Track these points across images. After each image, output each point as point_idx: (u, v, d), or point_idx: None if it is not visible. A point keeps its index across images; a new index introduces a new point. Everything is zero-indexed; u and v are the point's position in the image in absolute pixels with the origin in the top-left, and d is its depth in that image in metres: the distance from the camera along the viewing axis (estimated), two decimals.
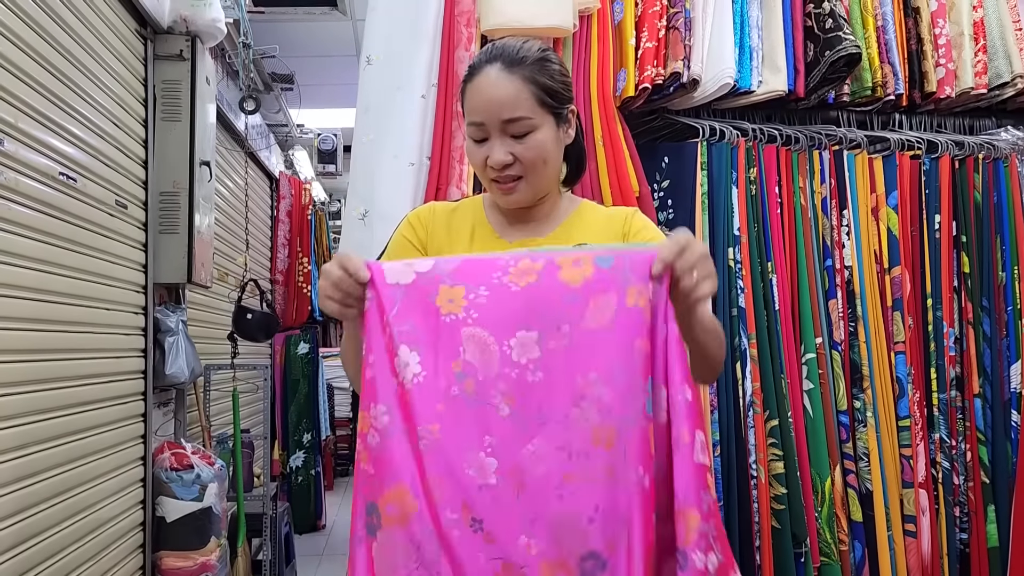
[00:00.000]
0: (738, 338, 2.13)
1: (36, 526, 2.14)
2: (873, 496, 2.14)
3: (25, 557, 2.08)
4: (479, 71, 1.24)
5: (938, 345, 2.27)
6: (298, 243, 5.30)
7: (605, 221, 1.34)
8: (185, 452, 3.05)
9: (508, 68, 1.22)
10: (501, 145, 1.22)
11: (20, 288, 2.07)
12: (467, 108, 1.25)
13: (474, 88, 1.24)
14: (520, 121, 1.21)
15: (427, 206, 1.39)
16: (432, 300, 0.98)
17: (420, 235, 1.33)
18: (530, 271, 0.97)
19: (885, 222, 2.28)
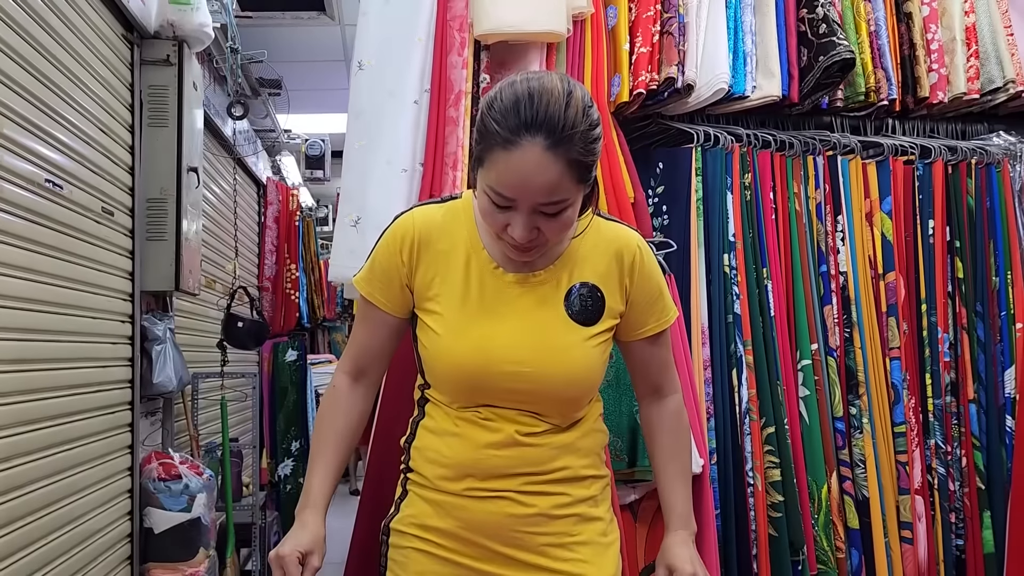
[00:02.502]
0: (734, 345, 2.11)
1: (24, 538, 2.10)
2: (870, 503, 2.13)
3: (13, 570, 2.04)
4: (518, 145, 1.09)
5: (933, 351, 2.26)
6: (286, 249, 5.26)
7: (608, 254, 1.29)
8: (173, 462, 3.01)
9: (553, 148, 1.09)
10: (528, 221, 1.14)
11: (4, 297, 2.03)
12: (495, 177, 1.13)
13: (510, 163, 1.10)
14: (556, 204, 1.13)
15: (412, 225, 1.29)
16: None
17: (406, 267, 1.28)
18: None
19: (879, 227, 2.28)
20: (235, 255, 4.21)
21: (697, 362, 2.07)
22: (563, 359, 1.26)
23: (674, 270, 2.13)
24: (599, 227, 1.31)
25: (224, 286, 4.00)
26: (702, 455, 1.79)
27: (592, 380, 1.31)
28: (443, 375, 1.29)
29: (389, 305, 1.32)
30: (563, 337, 1.26)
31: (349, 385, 1.37)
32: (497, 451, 1.27)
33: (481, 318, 1.26)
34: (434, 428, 1.33)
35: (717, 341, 2.10)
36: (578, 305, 1.27)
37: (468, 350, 1.25)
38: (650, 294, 1.32)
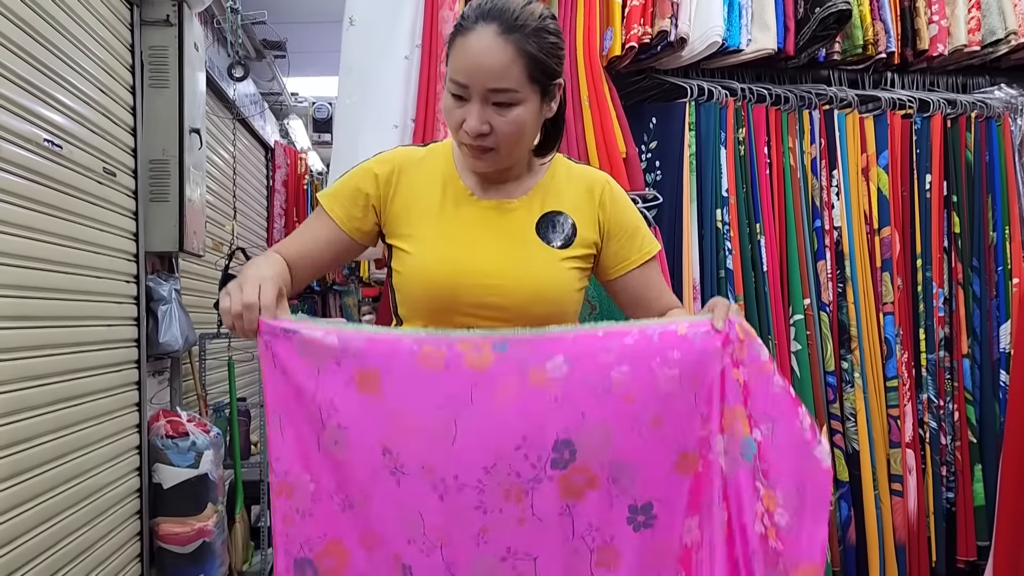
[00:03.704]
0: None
1: (31, 490, 2.16)
2: (860, 456, 2.15)
3: (20, 520, 2.10)
4: (472, 29, 1.16)
5: (927, 306, 2.26)
6: (295, 213, 5.29)
7: (579, 189, 1.31)
8: (180, 420, 3.07)
9: (504, 33, 1.15)
10: (480, 112, 1.17)
11: (6, 255, 2.07)
12: (452, 64, 1.19)
13: (464, 46, 1.17)
14: (505, 92, 1.16)
15: (392, 156, 1.32)
16: (352, 382, 1.06)
17: (381, 191, 1.29)
18: (436, 357, 1.07)
19: (875, 182, 2.26)
20: (233, 216, 4.23)
21: None
22: (533, 272, 1.26)
23: (666, 225, 2.13)
24: (569, 168, 1.34)
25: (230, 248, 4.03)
26: None
27: (562, 299, 1.29)
28: (416, 292, 1.29)
29: (345, 221, 1.30)
30: (534, 255, 1.28)
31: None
32: None
33: (455, 237, 1.28)
34: None
35: (709, 296, 2.11)
36: (550, 229, 1.29)
37: (441, 263, 1.26)
38: (627, 226, 1.33)
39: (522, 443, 1.05)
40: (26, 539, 2.13)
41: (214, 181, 4.00)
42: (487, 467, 1.05)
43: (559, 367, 1.05)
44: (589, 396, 1.05)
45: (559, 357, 1.06)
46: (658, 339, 1.07)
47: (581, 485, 1.05)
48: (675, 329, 1.08)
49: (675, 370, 1.06)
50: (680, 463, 1.06)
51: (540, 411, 1.05)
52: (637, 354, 1.06)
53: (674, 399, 1.06)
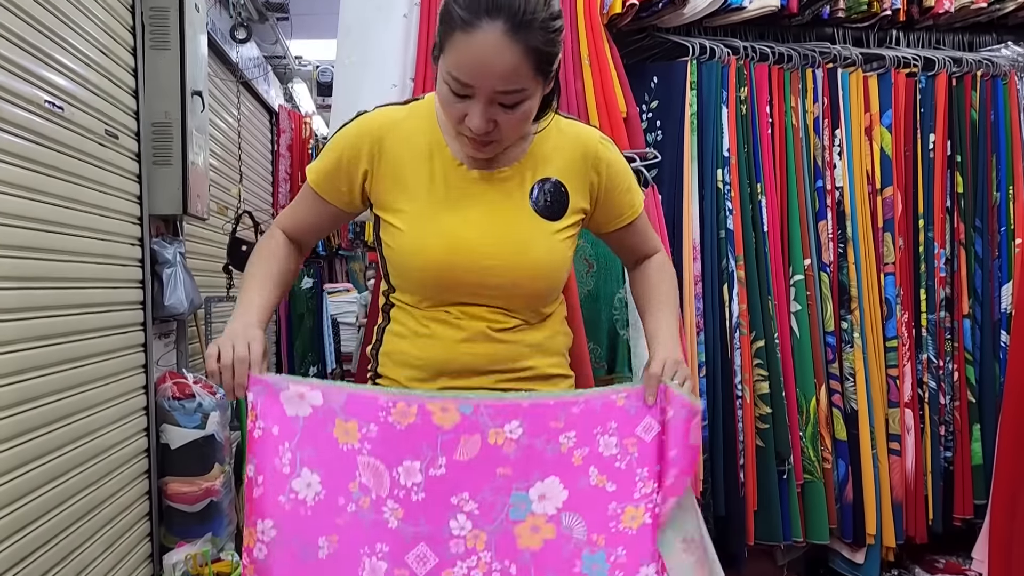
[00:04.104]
0: (725, 260, 2.12)
1: (39, 448, 2.19)
2: (858, 415, 2.16)
3: (29, 477, 2.14)
4: (477, 28, 1.07)
5: (928, 266, 2.25)
6: (299, 178, 5.28)
7: (571, 151, 1.29)
8: (187, 382, 3.11)
9: (513, 33, 1.07)
10: (485, 111, 1.13)
11: (9, 216, 2.08)
12: (453, 60, 1.11)
13: (468, 45, 1.08)
14: (514, 93, 1.12)
15: (373, 122, 1.27)
16: (330, 431, 1.14)
17: (364, 165, 1.26)
18: (407, 413, 1.16)
19: (878, 142, 2.25)
20: (240, 179, 4.23)
21: (688, 277, 2.09)
22: (529, 251, 1.26)
23: (667, 186, 2.13)
24: (560, 126, 1.29)
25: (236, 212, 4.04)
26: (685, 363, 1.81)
27: (558, 274, 1.32)
28: (410, 272, 1.29)
29: (334, 198, 1.31)
30: (529, 230, 1.27)
31: (287, 241, 1.36)
32: (469, 348, 1.29)
33: (447, 214, 1.26)
34: (401, 332, 1.34)
35: (708, 256, 2.11)
36: (543, 200, 1.27)
37: (435, 245, 1.25)
38: (619, 186, 1.32)
39: (484, 493, 1.15)
40: (35, 496, 2.17)
41: (218, 145, 4.00)
42: (451, 513, 1.14)
43: (515, 430, 1.16)
44: (542, 456, 1.16)
45: (516, 421, 1.17)
46: (600, 409, 1.19)
47: (537, 534, 1.15)
48: (615, 400, 1.20)
49: (613, 438, 1.18)
50: (627, 518, 1.16)
51: (499, 466, 1.16)
52: (582, 423, 1.18)
53: (615, 461, 1.17)
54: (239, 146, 4.33)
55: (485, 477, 1.15)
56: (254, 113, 4.83)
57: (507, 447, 1.16)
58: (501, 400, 1.18)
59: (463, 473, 1.15)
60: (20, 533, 2.09)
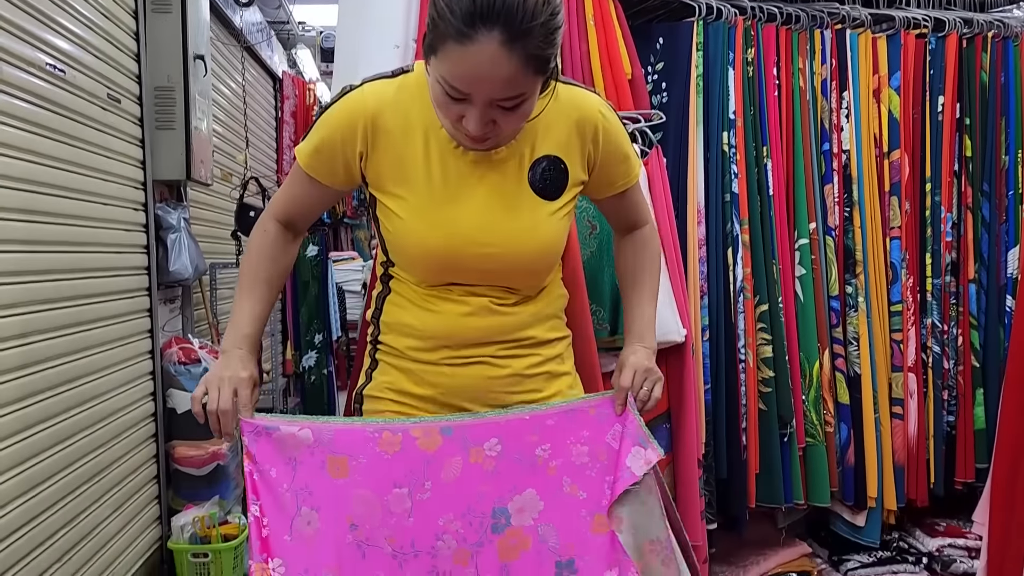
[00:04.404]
0: (730, 224, 2.11)
1: (43, 412, 2.21)
2: (861, 379, 2.16)
3: (37, 439, 2.16)
4: (472, 40, 1.01)
5: (935, 230, 2.24)
6: None
7: (569, 123, 1.25)
8: (192, 347, 3.12)
9: (510, 44, 1.01)
10: (483, 115, 1.09)
11: (12, 179, 2.08)
12: (446, 68, 1.05)
13: (463, 57, 1.03)
14: (513, 98, 1.08)
15: (363, 103, 1.21)
16: (323, 468, 1.20)
17: (359, 147, 1.23)
18: (393, 442, 1.22)
19: (886, 104, 2.22)
20: (246, 145, 4.22)
21: (692, 241, 2.08)
22: (531, 236, 1.25)
23: (671, 149, 2.11)
24: (558, 95, 1.23)
25: (240, 179, 4.04)
26: (685, 325, 1.81)
27: (559, 250, 1.32)
28: (411, 260, 1.29)
29: (328, 180, 1.29)
30: (530, 214, 1.25)
31: (280, 233, 1.34)
32: (472, 321, 1.29)
33: (445, 201, 1.23)
34: (402, 303, 1.33)
35: (713, 220, 2.10)
36: (542, 180, 1.25)
37: (436, 235, 1.23)
38: (616, 156, 1.31)
39: (467, 511, 1.22)
40: (43, 458, 2.20)
41: (222, 111, 3.98)
42: (438, 534, 1.20)
43: (494, 447, 1.22)
44: (519, 470, 1.23)
45: (494, 439, 1.23)
46: (573, 420, 1.25)
47: (516, 546, 1.22)
48: (587, 410, 1.26)
49: (585, 447, 1.25)
50: (595, 524, 1.23)
51: (480, 483, 1.22)
52: (556, 434, 1.24)
53: (586, 470, 1.24)
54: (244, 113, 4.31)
55: (467, 496, 1.22)
56: (258, 79, 4.80)
57: (487, 464, 1.22)
58: (479, 419, 1.24)
59: (447, 494, 1.21)
60: (29, 494, 2.12)
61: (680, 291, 1.85)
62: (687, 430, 1.84)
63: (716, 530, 2.06)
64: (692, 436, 1.84)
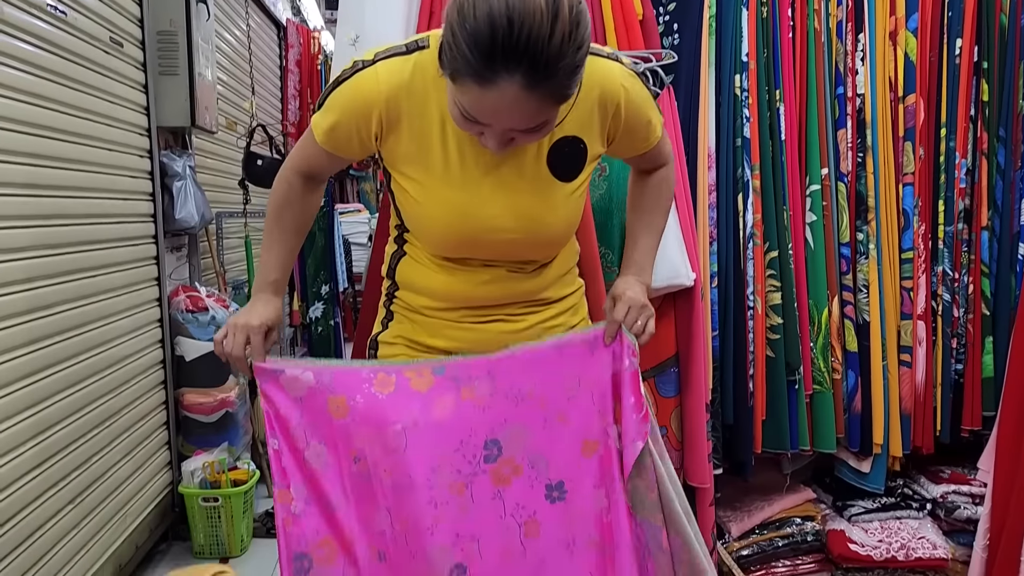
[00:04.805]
0: (741, 169, 2.08)
1: (52, 356, 2.22)
2: (870, 327, 2.15)
3: (44, 384, 2.17)
4: (494, 83, 0.96)
5: (948, 177, 2.21)
6: (309, 94, 5.20)
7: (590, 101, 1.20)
8: (200, 295, 3.13)
9: (533, 87, 0.97)
10: (502, 138, 1.07)
11: (12, 121, 2.06)
12: (468, 105, 1.02)
13: (484, 99, 0.99)
14: (534, 126, 1.06)
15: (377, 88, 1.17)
16: (325, 408, 1.26)
17: (374, 131, 1.20)
18: (387, 383, 1.28)
19: (903, 47, 2.17)
20: (252, 93, 4.17)
21: (702, 186, 2.05)
22: (549, 219, 1.25)
23: (683, 92, 2.07)
24: None
25: (245, 128, 4.00)
26: (695, 269, 1.80)
27: (576, 224, 1.33)
28: (427, 239, 1.29)
29: (344, 154, 1.29)
30: (548, 199, 1.23)
31: (303, 184, 1.35)
32: (490, 288, 1.30)
33: (462, 187, 1.21)
34: (417, 266, 1.34)
35: (724, 165, 2.07)
36: (560, 163, 1.22)
37: (452, 220, 1.22)
38: (637, 125, 1.28)
39: (460, 446, 1.26)
40: (52, 402, 2.21)
41: (226, 58, 3.93)
42: (433, 467, 1.24)
43: (485, 383, 1.26)
44: (509, 404, 1.26)
45: (485, 375, 1.27)
46: (563, 354, 1.28)
47: (508, 474, 1.27)
48: (577, 343, 1.29)
49: (576, 378, 1.28)
50: (584, 449, 1.28)
51: (471, 419, 1.26)
52: (546, 368, 1.28)
53: (576, 399, 1.28)
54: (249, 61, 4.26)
55: (460, 432, 1.26)
56: (261, 27, 4.73)
57: (479, 401, 1.26)
58: (470, 359, 1.28)
59: (440, 431, 1.26)
60: (39, 437, 2.14)
61: (690, 236, 1.84)
62: (695, 373, 1.84)
63: (721, 475, 2.07)
64: (700, 379, 1.83)
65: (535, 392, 1.27)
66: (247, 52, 4.26)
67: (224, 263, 3.68)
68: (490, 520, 1.26)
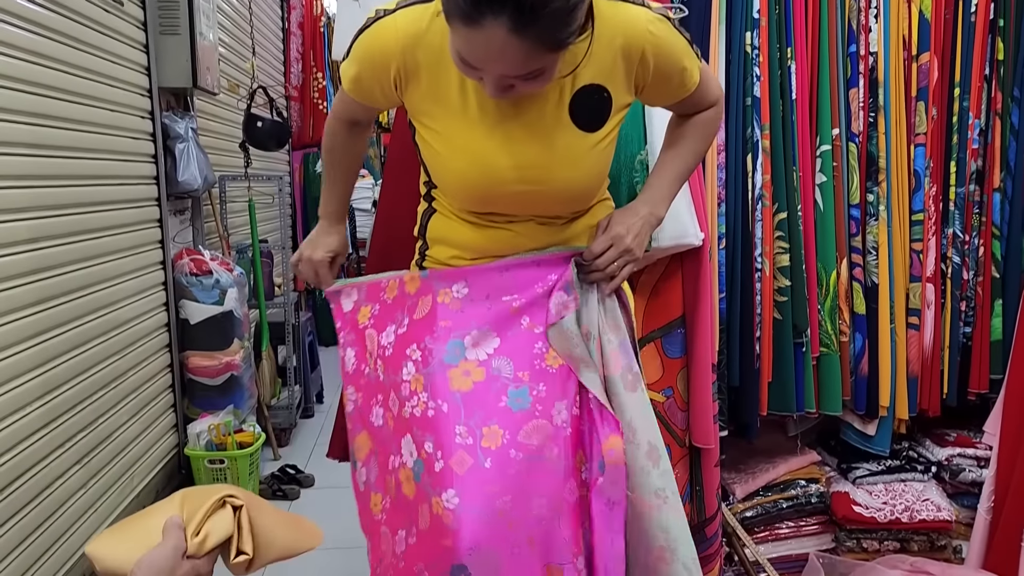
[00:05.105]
0: (751, 129, 2.05)
1: (58, 317, 2.22)
2: (879, 289, 2.13)
3: (51, 345, 2.17)
4: (479, 25, 0.96)
5: (961, 137, 2.17)
6: (311, 57, 5.15)
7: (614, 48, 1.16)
8: (204, 258, 3.12)
9: (520, 31, 0.96)
10: (499, 84, 1.06)
11: (12, 79, 2.03)
12: (459, 46, 1.03)
13: (472, 41, 1.00)
14: (529, 73, 1.04)
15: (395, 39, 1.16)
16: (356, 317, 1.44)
17: (394, 80, 1.20)
18: (392, 288, 1.39)
19: (918, 4, 2.12)
20: (253, 54, 4.12)
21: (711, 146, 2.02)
22: (572, 171, 1.21)
23: None
24: (601, 14, 1.12)
25: (247, 90, 3.96)
26: (703, 229, 1.78)
27: (604, 177, 1.30)
28: (451, 192, 1.28)
29: (372, 103, 1.30)
30: (570, 149, 1.20)
31: (346, 130, 1.42)
32: (518, 240, 1.29)
33: (483, 137, 1.19)
34: (447, 220, 1.34)
35: (733, 125, 2.04)
36: (583, 112, 1.19)
37: (473, 172, 1.20)
38: (669, 72, 1.22)
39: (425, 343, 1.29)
40: (59, 363, 2.21)
41: (229, 20, 3.88)
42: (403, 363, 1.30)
43: (461, 289, 1.30)
44: (481, 310, 1.28)
45: (462, 282, 1.30)
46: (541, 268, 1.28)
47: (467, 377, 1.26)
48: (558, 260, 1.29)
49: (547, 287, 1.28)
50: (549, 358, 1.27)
51: (443, 319, 1.29)
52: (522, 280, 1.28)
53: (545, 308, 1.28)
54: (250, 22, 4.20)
55: (429, 329, 1.29)
56: None
57: (452, 304, 1.30)
58: (453, 269, 1.33)
59: (415, 328, 1.31)
60: (46, 397, 2.14)
61: (698, 195, 1.81)
62: (701, 334, 1.82)
63: (726, 438, 2.06)
64: (707, 340, 1.82)
65: (508, 301, 1.28)
66: (248, 13, 4.20)
67: (228, 227, 3.67)
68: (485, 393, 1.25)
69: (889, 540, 2.22)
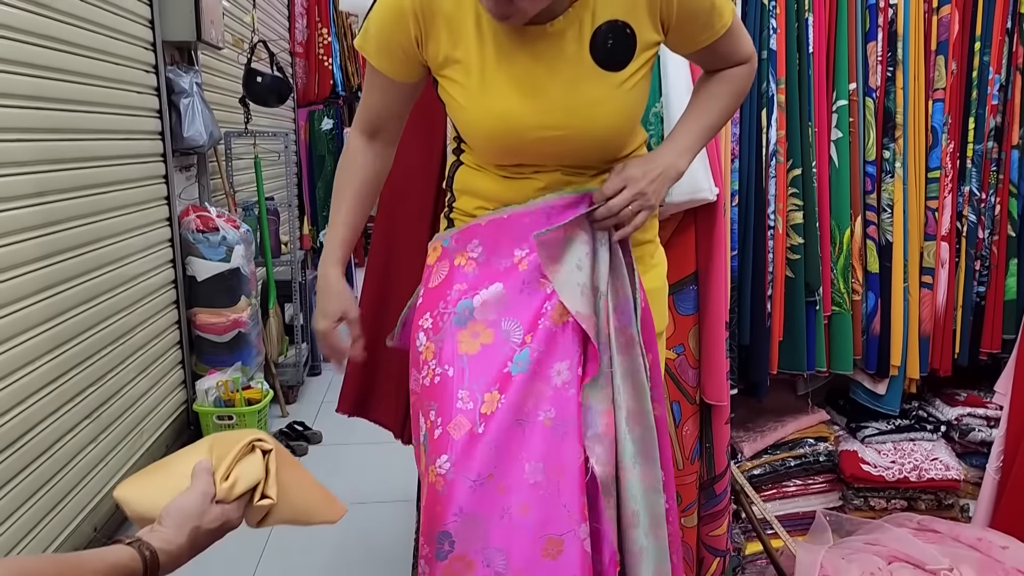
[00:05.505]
0: (765, 83, 2.01)
1: (64, 272, 2.21)
2: (893, 247, 2.10)
3: (58, 300, 2.17)
4: None
5: (980, 93, 2.13)
6: (316, 12, 5.07)
7: None
8: (210, 215, 3.10)
9: None
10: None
11: (12, 30, 2.00)
12: None
13: None
14: None
15: None
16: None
17: (413, 35, 1.17)
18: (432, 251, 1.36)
19: None
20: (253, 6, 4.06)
21: None
22: (596, 115, 1.18)
23: None
24: None
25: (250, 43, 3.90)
26: (717, 184, 1.75)
27: (633, 121, 1.25)
28: (476, 144, 1.25)
29: (394, 72, 1.24)
30: (593, 91, 1.16)
31: (364, 144, 1.33)
32: (546, 193, 1.25)
33: (504, 85, 1.16)
34: (474, 173, 1.30)
35: None
36: (605, 49, 1.15)
37: (496, 122, 1.17)
38: (697, 10, 1.18)
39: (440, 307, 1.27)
40: (67, 318, 2.21)
41: None
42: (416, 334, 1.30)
43: (475, 248, 1.28)
44: (493, 270, 1.26)
45: (475, 240, 1.28)
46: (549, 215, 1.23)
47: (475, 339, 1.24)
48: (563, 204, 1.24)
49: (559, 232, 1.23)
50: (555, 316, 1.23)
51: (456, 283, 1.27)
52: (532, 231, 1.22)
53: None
54: None
55: (442, 295, 1.27)
56: None
57: (468, 267, 1.27)
58: (465, 227, 1.29)
59: (430, 296, 1.30)
60: (56, 351, 2.14)
61: (713, 150, 1.78)
62: (715, 290, 1.80)
63: (735, 396, 2.05)
64: (720, 297, 1.80)
65: (520, 256, 1.24)
66: None
67: (234, 184, 3.64)
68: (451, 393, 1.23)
69: (896, 499, 2.22)
